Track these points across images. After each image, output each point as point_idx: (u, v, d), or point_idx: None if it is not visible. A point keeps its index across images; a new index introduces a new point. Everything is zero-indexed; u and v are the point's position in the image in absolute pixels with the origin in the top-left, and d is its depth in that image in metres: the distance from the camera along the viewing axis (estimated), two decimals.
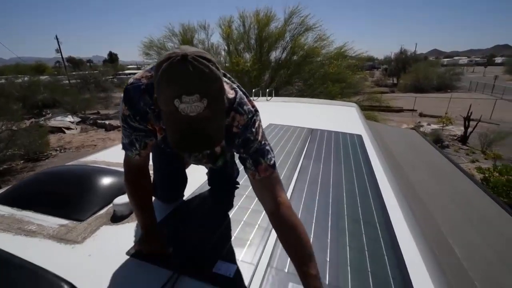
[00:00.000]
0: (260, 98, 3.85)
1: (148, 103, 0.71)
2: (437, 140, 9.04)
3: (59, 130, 9.85)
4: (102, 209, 1.10)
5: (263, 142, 0.75)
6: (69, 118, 11.06)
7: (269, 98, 3.84)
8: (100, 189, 1.18)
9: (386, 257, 0.86)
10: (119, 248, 0.87)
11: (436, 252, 1.00)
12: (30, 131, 7.31)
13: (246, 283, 0.73)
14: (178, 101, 0.53)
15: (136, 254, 0.83)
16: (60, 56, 23.66)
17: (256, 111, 0.77)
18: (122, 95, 0.76)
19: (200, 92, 0.53)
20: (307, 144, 1.88)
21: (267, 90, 3.89)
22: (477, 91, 21.27)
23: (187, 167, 1.25)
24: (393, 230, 0.99)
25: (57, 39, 22.37)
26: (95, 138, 9.00)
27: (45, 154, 7.22)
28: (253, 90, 3.74)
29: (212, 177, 1.25)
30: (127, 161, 0.82)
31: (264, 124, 2.39)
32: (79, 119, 11.27)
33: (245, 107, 0.74)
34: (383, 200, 1.19)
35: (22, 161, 6.76)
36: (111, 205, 1.09)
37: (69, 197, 1.13)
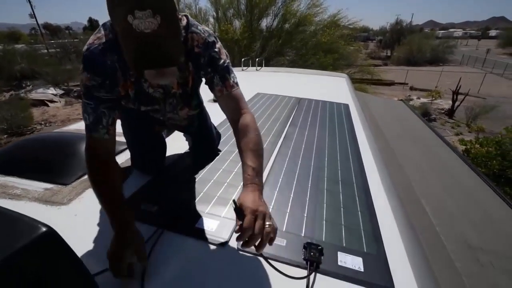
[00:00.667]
0: (250, 68, 3.75)
1: (114, 59, 0.70)
2: (425, 114, 9.22)
3: (42, 103, 9.44)
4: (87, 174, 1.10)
5: (227, 61, 0.82)
6: (51, 91, 10.57)
7: (259, 68, 3.75)
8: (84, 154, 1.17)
9: (360, 213, 0.92)
10: None
11: (408, 211, 1.07)
12: (11, 104, 7.00)
13: (227, 236, 0.78)
14: (131, 17, 0.53)
15: None
16: (35, 22, 21.91)
17: (212, 33, 0.82)
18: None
19: (153, 7, 0.53)
20: (294, 112, 1.88)
21: (257, 59, 3.78)
22: (469, 64, 21.31)
23: (167, 136, 1.25)
24: (369, 191, 1.05)
25: (29, 2, 20.54)
26: (81, 112, 8.71)
27: (30, 128, 7.00)
28: (243, 60, 3.63)
29: (193, 145, 1.25)
30: (92, 147, 0.74)
31: (252, 93, 2.38)
32: (62, 92, 10.79)
33: (199, 27, 0.78)
34: (362, 164, 1.24)
35: (5, 136, 6.55)
36: None
37: (53, 163, 1.13)
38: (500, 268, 0.98)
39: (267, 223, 0.61)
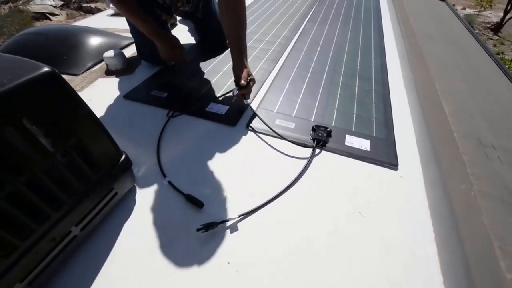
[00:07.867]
0: None
1: None
2: None
3: (44, 16, 8.86)
4: (96, 66, 1.09)
5: None
6: (50, 1, 9.71)
7: None
8: (90, 46, 1.13)
9: (374, 104, 0.89)
10: (117, 93, 0.91)
11: (424, 106, 1.02)
12: (13, 18, 6.61)
13: (237, 117, 0.79)
14: None
15: (132, 97, 0.87)
16: None
17: None
18: None
19: None
20: (314, 7, 1.65)
21: None
22: None
23: (171, 21, 1.17)
24: (388, 85, 0.99)
25: None
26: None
27: None
28: None
29: (201, 37, 1.17)
30: None
31: None
32: (62, 3, 9.92)
33: None
34: (385, 60, 1.13)
35: None
36: (103, 62, 1.07)
37: (60, 54, 1.10)
38: (506, 162, 0.98)
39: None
